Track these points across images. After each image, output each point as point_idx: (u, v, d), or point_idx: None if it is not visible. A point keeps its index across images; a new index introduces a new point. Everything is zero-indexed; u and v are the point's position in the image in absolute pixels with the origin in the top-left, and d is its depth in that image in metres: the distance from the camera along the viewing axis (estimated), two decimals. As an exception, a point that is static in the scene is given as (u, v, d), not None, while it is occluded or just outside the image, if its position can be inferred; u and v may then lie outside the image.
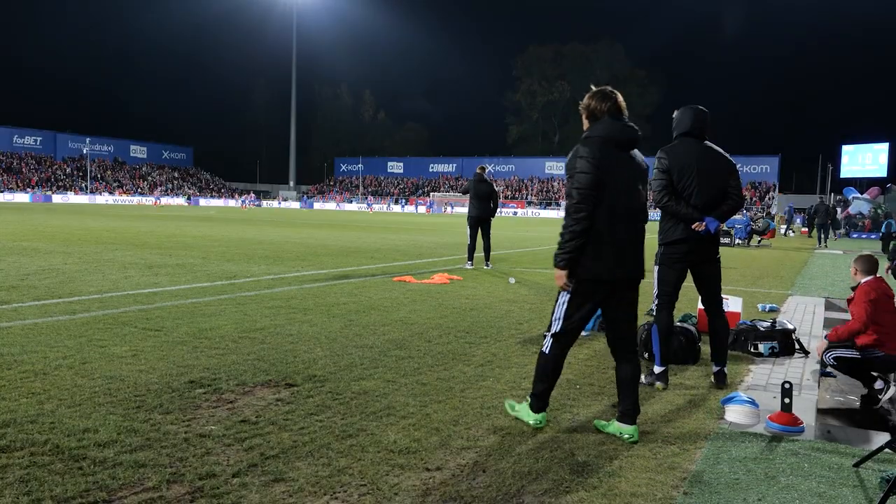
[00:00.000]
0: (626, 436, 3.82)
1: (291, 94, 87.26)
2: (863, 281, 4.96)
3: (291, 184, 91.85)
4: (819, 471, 3.48)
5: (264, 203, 79.36)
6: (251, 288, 9.10)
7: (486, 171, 13.02)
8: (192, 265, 11.66)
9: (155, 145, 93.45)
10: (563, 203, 3.96)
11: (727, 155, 5.10)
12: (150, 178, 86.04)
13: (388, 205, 78.59)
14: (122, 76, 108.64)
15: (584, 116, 3.95)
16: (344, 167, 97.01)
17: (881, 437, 3.98)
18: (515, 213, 71.48)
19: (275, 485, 3.07)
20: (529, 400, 4.03)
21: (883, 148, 52.23)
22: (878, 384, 4.95)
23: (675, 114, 5.19)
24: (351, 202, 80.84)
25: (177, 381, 4.58)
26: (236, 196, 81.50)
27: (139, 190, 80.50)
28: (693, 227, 4.84)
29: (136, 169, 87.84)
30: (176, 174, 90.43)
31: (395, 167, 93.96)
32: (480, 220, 12.71)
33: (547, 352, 3.98)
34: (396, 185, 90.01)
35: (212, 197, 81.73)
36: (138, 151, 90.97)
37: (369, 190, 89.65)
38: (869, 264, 5.00)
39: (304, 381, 4.69)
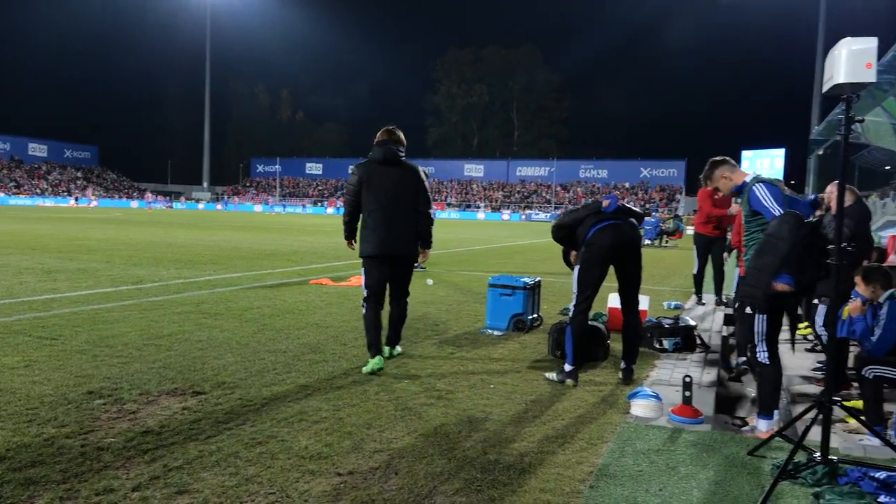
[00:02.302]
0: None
1: (205, 92, 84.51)
2: None
3: (205, 184, 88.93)
4: (716, 460, 3.65)
5: (176, 204, 76.56)
6: (158, 293, 8.77)
7: (429, 175, 13.05)
8: (94, 270, 11.12)
9: (56, 143, 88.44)
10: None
11: None
12: (50, 177, 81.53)
13: (305, 206, 77.36)
14: (20, 70, 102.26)
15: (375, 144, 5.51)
16: (260, 168, 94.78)
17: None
18: (434, 215, 71.70)
19: (178, 497, 2.96)
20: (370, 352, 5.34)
21: (780, 153, 55.45)
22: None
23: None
24: (268, 204, 79.11)
25: (74, 392, 4.35)
26: (146, 196, 78.23)
27: (39, 191, 76.16)
28: (602, 207, 5.11)
29: (36, 168, 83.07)
30: (79, 174, 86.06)
31: (314, 168, 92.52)
32: None
33: (365, 311, 5.47)
34: (315, 187, 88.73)
35: (120, 199, 78.19)
36: (37, 150, 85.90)
37: (286, 191, 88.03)
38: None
39: (212, 389, 4.56)
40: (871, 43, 2.84)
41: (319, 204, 78.69)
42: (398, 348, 5.81)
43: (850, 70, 2.85)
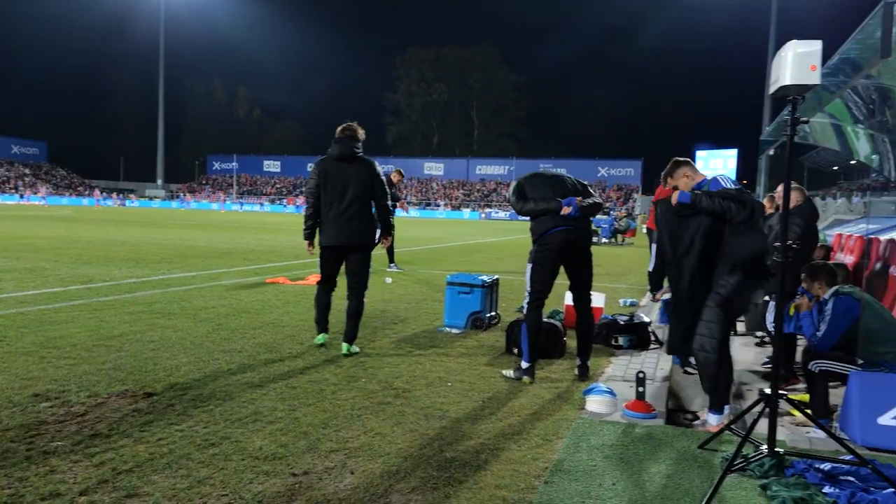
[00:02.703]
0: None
1: (159, 87, 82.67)
2: None
3: (159, 182, 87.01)
4: (668, 454, 3.72)
5: (130, 202, 74.69)
6: (109, 293, 8.56)
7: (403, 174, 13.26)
8: (42, 269, 10.79)
9: (2, 138, 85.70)
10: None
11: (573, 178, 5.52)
12: (-4, 174, 78.90)
13: (263, 204, 76.35)
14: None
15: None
16: (217, 165, 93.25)
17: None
18: (396, 213, 71.47)
19: (127, 500, 2.90)
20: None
21: (732, 154, 56.75)
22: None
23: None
24: (222, 202, 77.86)
25: (19, 395, 4.22)
26: (94, 194, 75.92)
27: (-16, 188, 73.56)
28: (561, 213, 5.08)
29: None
30: (27, 170, 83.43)
31: (272, 166, 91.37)
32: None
33: (316, 292, 6.04)
34: (273, 185, 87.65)
35: (72, 197, 75.94)
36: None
37: (244, 189, 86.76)
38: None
39: (164, 390, 4.47)
40: (816, 46, 2.92)
41: (278, 202, 77.75)
42: (355, 347, 5.81)
43: (796, 72, 2.93)
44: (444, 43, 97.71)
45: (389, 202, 5.92)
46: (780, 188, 6.47)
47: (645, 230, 12.25)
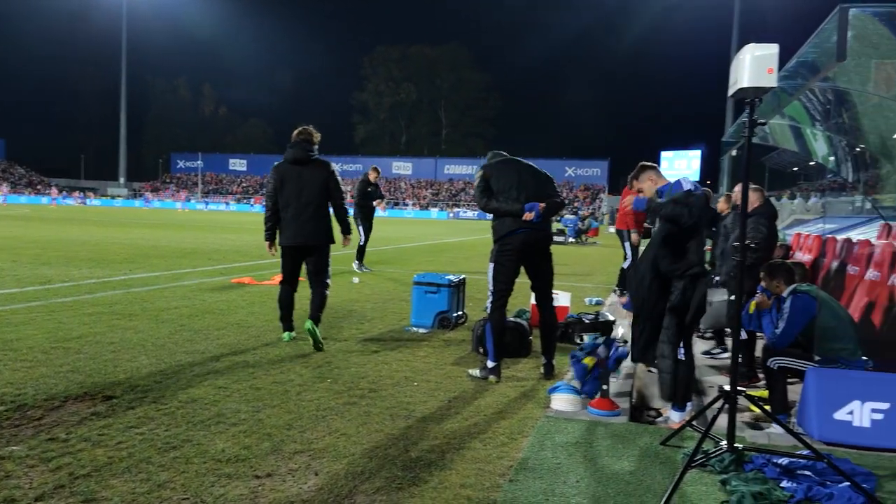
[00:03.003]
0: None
1: (121, 84, 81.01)
2: None
3: (122, 180, 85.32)
4: (632, 451, 3.76)
5: (91, 201, 73.04)
6: (69, 293, 8.37)
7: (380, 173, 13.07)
8: (-1, 270, 10.51)
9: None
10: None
11: (539, 168, 5.46)
12: (-49, 172, 76.71)
13: (229, 203, 75.36)
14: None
15: None
16: (181, 163, 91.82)
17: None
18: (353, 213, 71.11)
19: (85, 506, 2.84)
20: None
21: (696, 154, 57.72)
22: None
23: (488, 156, 5.63)
24: (189, 200, 76.68)
25: (-28, 399, 4.11)
26: (50, 192, 73.98)
27: (-62, 186, 71.35)
28: (523, 218, 5.09)
29: (-65, 162, 78.01)
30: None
31: (238, 164, 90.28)
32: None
33: (279, 292, 6.22)
34: (240, 183, 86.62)
35: (32, 195, 74.02)
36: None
37: (209, 187, 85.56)
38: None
39: (124, 393, 4.38)
40: (773, 49, 2.98)
41: (245, 201, 76.85)
42: (318, 329, 6.03)
43: (754, 75, 2.98)
44: (413, 42, 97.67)
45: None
46: (737, 188, 6.59)
47: (613, 230, 12.41)
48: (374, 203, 12.69)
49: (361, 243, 12.51)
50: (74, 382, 4.56)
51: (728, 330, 7.14)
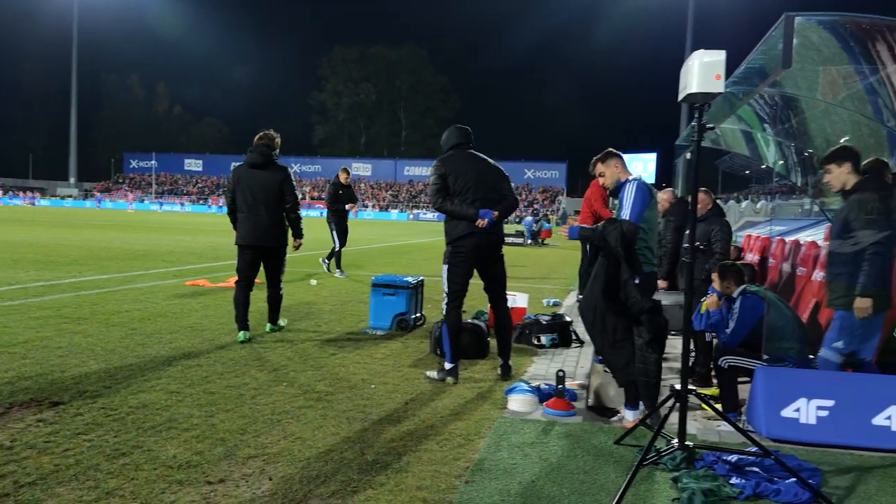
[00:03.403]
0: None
1: (72, 82, 78.82)
2: None
3: (72, 180, 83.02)
4: (586, 450, 3.81)
5: (39, 201, 70.85)
6: (15, 297, 8.11)
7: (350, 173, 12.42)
8: (-59, 272, 10.13)
9: None
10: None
11: (495, 163, 5.44)
12: None
13: (183, 204, 73.99)
14: None
15: None
16: (134, 163, 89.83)
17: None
18: (321, 214, 70.71)
19: (28, 516, 2.75)
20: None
21: (652, 157, 58.74)
22: None
23: (444, 134, 5.53)
24: (142, 201, 75.06)
25: None
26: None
27: None
28: (476, 224, 5.10)
29: None
30: (-74, 168, 78.26)
31: (194, 164, 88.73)
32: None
33: (235, 291, 6.35)
34: (195, 184, 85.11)
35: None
36: None
37: (164, 188, 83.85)
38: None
39: (72, 399, 4.27)
40: (720, 56, 3.05)
41: (201, 202, 75.54)
42: (280, 322, 6.74)
43: (702, 80, 3.05)
44: (372, 43, 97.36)
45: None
46: (661, 195, 6.74)
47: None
48: (347, 206, 12.08)
49: (336, 248, 12.06)
50: (20, 389, 4.42)
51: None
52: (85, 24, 79.81)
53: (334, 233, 12.02)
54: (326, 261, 12.39)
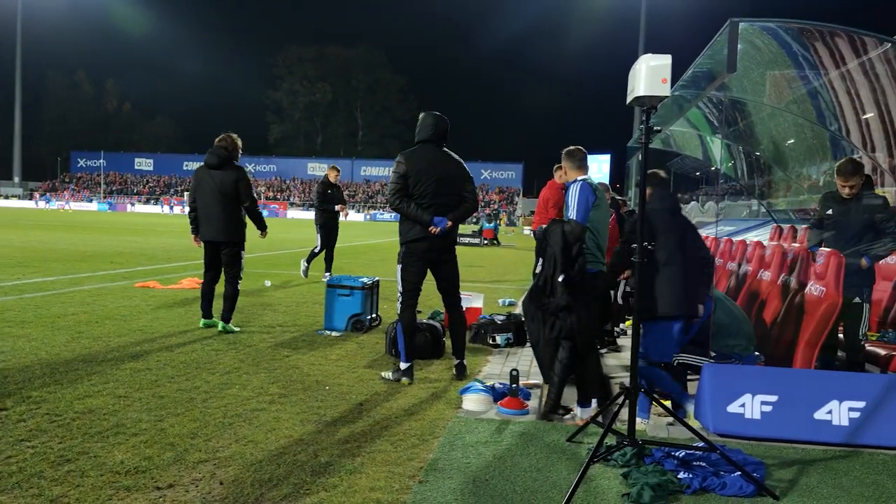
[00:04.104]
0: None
1: (15, 78, 76.23)
2: None
3: (16, 179, 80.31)
4: (539, 448, 3.85)
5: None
6: (-46, 300, 7.82)
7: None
8: None
9: None
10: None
11: (463, 162, 5.43)
12: None
13: (133, 204, 72.20)
14: None
15: None
16: (82, 162, 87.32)
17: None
18: (277, 215, 69.87)
19: (-34, 526, 2.66)
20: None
21: (606, 159, 59.62)
22: None
23: (420, 118, 5.40)
24: (90, 201, 72.99)
25: None
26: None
27: None
28: (430, 230, 5.11)
29: None
30: None
31: (144, 164, 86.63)
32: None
33: (203, 280, 6.92)
34: (146, 184, 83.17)
35: None
36: None
37: (113, 188, 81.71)
38: None
39: (15, 405, 4.13)
40: (666, 60, 3.13)
41: (153, 202, 73.88)
42: (231, 326, 6.75)
43: (649, 84, 3.12)
44: (328, 43, 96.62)
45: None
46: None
47: (528, 231, 12.57)
48: (337, 208, 11.48)
49: (316, 251, 11.50)
50: (-43, 395, 4.26)
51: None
52: (29, 18, 77.34)
53: (319, 235, 11.46)
54: (306, 263, 11.67)
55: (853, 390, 4.22)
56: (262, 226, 7.09)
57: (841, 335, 5.33)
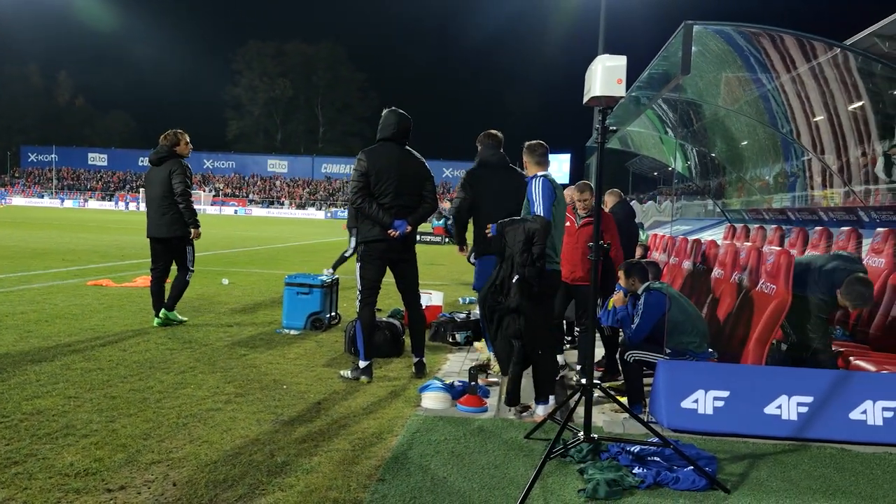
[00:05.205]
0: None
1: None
2: None
3: (-37, 174, 77.85)
4: (496, 445, 3.87)
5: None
6: None
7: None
8: None
9: None
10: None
11: (425, 161, 5.42)
12: None
13: (86, 201, 70.41)
14: None
15: None
16: (33, 157, 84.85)
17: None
18: (236, 212, 68.90)
19: None
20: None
21: (566, 158, 60.18)
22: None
23: (383, 115, 5.36)
24: (42, 197, 71.00)
25: None
26: None
27: None
28: (388, 233, 5.10)
29: None
30: None
31: (98, 159, 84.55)
32: None
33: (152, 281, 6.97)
34: (100, 179, 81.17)
35: None
36: None
37: (65, 183, 79.57)
38: None
39: (-42, 406, 4.00)
40: (622, 61, 3.17)
41: (107, 198, 72.10)
42: (176, 314, 6.92)
43: (604, 84, 3.16)
44: (288, 38, 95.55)
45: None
46: (567, 191, 6.94)
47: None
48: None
49: (348, 254, 10.47)
50: None
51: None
52: (-24, 7, 74.69)
53: (352, 238, 9.97)
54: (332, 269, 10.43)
55: (801, 386, 4.34)
56: (192, 222, 6.85)
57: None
